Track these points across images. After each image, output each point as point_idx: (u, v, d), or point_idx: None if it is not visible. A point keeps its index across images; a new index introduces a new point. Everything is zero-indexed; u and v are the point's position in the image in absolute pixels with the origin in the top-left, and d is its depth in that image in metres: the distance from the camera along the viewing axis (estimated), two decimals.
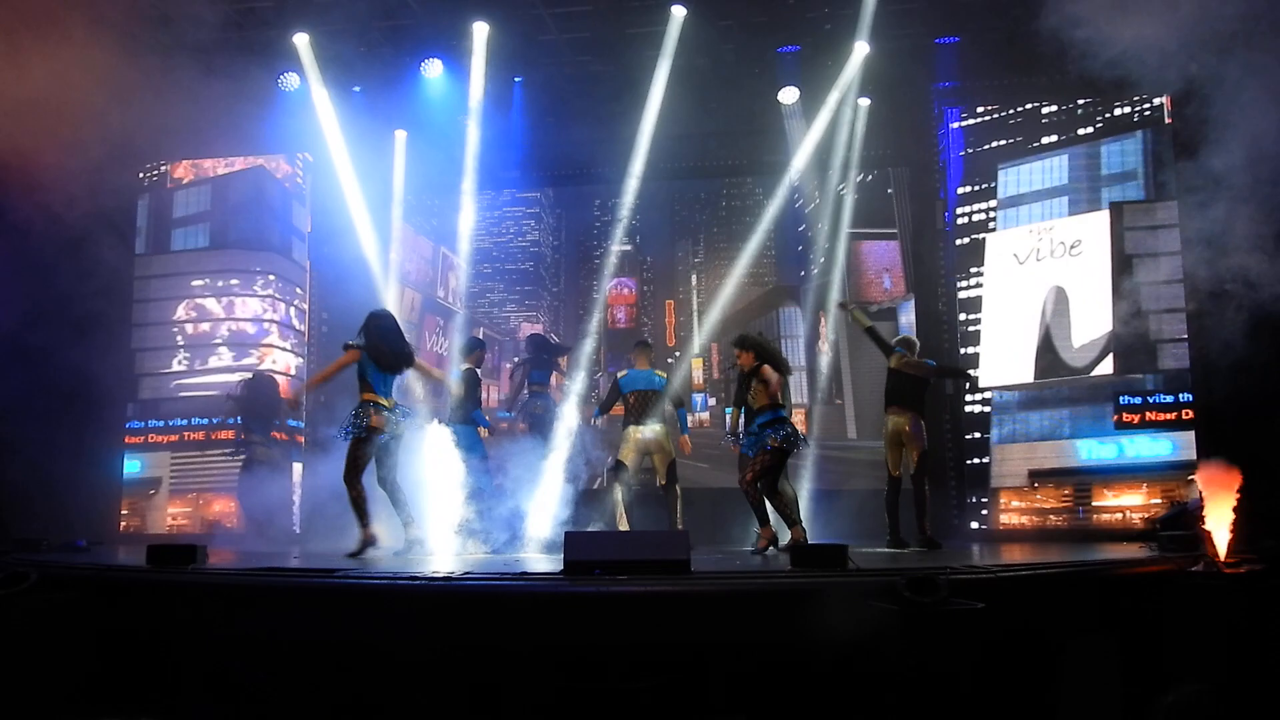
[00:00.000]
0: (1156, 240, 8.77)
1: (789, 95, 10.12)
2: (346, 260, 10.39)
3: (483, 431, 8.10)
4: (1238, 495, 5.16)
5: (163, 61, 8.29)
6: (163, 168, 11.06)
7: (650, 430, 8.19)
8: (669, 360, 10.99)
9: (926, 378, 8.12)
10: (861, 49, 9.58)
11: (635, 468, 8.24)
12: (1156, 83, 7.53)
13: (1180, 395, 8.55)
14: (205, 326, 10.68)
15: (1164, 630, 4.58)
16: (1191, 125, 7.69)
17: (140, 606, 5.12)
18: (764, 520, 7.23)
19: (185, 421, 10.47)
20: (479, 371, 8.41)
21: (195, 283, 10.80)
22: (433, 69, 10.24)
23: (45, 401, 8.77)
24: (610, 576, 4.84)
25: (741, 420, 7.44)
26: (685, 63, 9.81)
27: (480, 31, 9.88)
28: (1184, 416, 8.53)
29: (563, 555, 5.14)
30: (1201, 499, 5.33)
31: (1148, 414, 8.68)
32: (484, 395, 8.95)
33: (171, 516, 10.32)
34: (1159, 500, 8.45)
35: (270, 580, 5.27)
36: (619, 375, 8.49)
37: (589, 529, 7.81)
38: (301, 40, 10.03)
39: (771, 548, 7.21)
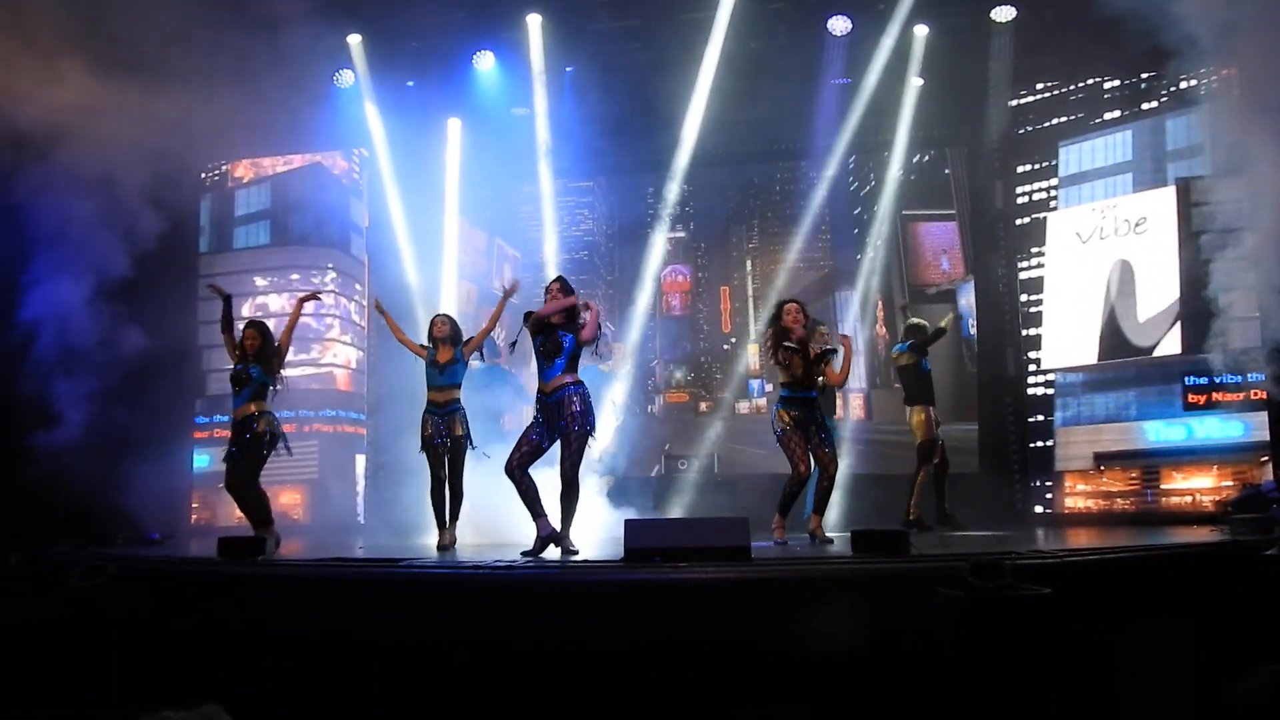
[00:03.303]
0: (1225, 216, 8.50)
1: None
2: (404, 254, 10.52)
3: None
4: None
5: (220, 62, 8.44)
6: (223, 167, 11.27)
7: None
8: (724, 347, 10.99)
9: None
10: (920, 30, 9.46)
11: None
12: (1222, 54, 7.31)
13: (1251, 375, 8.32)
14: (269, 323, 10.86)
15: (1238, 616, 4.48)
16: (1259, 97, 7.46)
17: (212, 598, 5.25)
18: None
19: None
20: None
21: (258, 280, 11.01)
22: (485, 61, 10.30)
23: (118, 401, 9.00)
24: (670, 564, 4.85)
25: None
26: (737, 47, 9.77)
27: (534, 23, 9.93)
28: (1256, 396, 8.30)
29: (623, 543, 5.16)
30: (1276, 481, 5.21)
31: (1217, 394, 8.46)
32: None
33: None
34: (1230, 483, 8.24)
35: (337, 572, 5.37)
36: None
37: None
38: (354, 40, 10.16)
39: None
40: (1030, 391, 9.46)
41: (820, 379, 6.92)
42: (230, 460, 7.02)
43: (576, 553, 5.91)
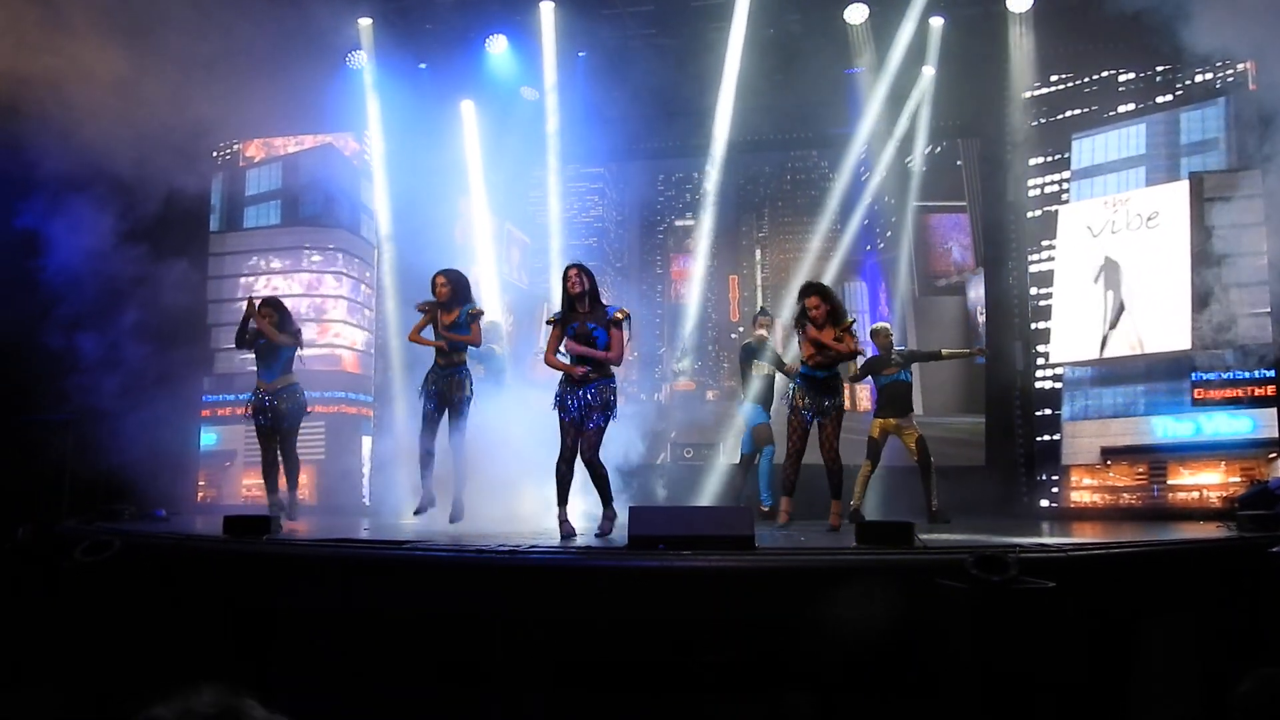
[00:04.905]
0: (1238, 211, 8.45)
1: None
2: (414, 236, 10.51)
3: None
4: None
5: (233, 41, 8.43)
6: (235, 147, 11.25)
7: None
8: (732, 336, 10.96)
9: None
10: (935, 22, 9.42)
11: None
12: (1239, 48, 7.26)
13: (1261, 371, 8.28)
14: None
15: (1243, 612, 4.47)
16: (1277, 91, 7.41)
17: (218, 575, 5.27)
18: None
19: None
20: None
21: (267, 259, 11.01)
22: (497, 45, 10.27)
23: (125, 377, 9.03)
24: (674, 552, 4.86)
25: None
26: (751, 34, 9.71)
27: (547, 8, 9.89)
28: (1265, 393, 8.25)
29: (627, 529, 5.17)
30: None
31: (1226, 390, 8.41)
32: None
33: (246, 488, 10.53)
34: (1238, 479, 8.21)
35: (342, 552, 5.39)
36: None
37: None
38: (364, 23, 10.15)
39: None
40: (1038, 385, 9.42)
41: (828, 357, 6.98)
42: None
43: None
